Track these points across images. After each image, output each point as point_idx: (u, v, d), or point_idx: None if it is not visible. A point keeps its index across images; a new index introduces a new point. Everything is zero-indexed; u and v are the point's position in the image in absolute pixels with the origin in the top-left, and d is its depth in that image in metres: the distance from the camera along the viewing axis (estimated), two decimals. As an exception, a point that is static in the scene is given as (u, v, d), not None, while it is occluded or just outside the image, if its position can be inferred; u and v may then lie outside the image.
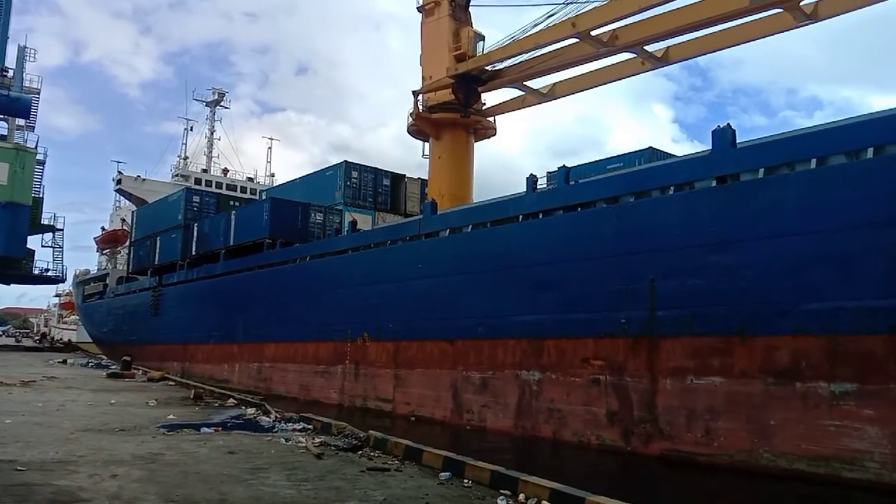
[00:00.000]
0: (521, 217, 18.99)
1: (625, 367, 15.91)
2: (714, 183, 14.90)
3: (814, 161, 13.58)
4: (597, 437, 16.30)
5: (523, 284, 18.20)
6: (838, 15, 22.19)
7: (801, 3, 21.65)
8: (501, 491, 8.71)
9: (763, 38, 24.01)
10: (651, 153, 22.42)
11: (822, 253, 12.86)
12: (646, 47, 25.23)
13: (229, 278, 32.59)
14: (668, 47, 25.57)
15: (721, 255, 14.25)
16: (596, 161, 23.09)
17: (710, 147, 15.22)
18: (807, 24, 22.61)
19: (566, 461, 16.40)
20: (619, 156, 23.07)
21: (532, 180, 19.02)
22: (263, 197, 39.67)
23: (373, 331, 23.66)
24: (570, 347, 17.06)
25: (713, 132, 15.01)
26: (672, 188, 15.79)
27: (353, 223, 26.66)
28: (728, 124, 14.83)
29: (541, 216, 18.55)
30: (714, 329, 14.30)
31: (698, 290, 14.59)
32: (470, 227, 20.83)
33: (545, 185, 20.44)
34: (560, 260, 17.32)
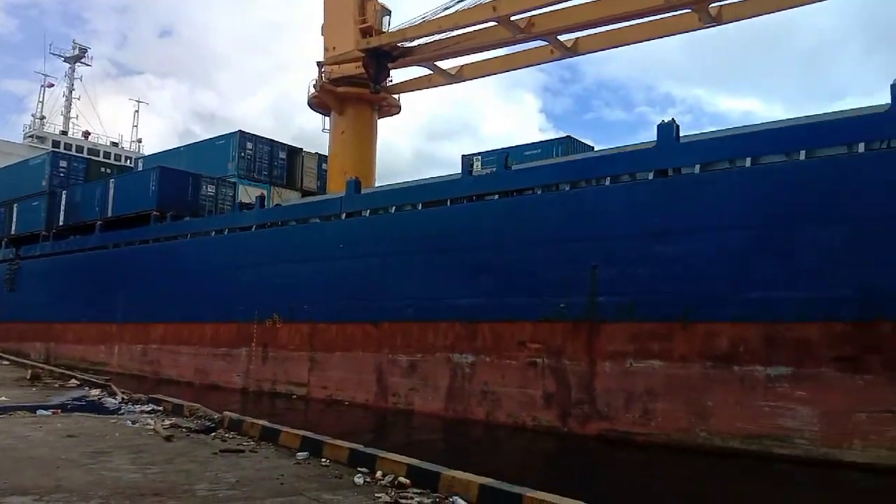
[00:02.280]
0: (455, 200, 18.87)
1: (563, 351, 16.33)
2: (653, 176, 15.55)
3: (748, 160, 14.51)
4: (532, 418, 16.65)
5: (458, 267, 18.13)
6: (739, 20, 23.77)
7: (708, 7, 22.96)
8: (359, 469, 8.73)
9: (670, 35, 25.35)
10: (569, 142, 23.06)
11: (762, 245, 13.81)
12: (559, 37, 25.82)
13: (108, 252, 29.92)
14: (579, 38, 26.25)
15: (664, 244, 14.90)
16: (513, 147, 23.34)
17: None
18: (711, 27, 24.02)
19: (501, 442, 16.70)
20: (537, 143, 23.62)
21: (468, 163, 18.94)
22: (139, 165, 36.70)
23: (285, 312, 22.68)
24: (506, 331, 17.24)
25: (658, 126, 15.65)
26: (608, 178, 16.33)
27: (262, 198, 25.33)
28: (672, 119, 15.56)
29: (474, 199, 18.55)
30: (655, 315, 14.98)
31: (640, 278, 15.20)
32: (394, 207, 20.47)
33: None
34: (498, 244, 17.41)
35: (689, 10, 23.09)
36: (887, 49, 66.68)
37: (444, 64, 28.92)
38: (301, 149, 33.87)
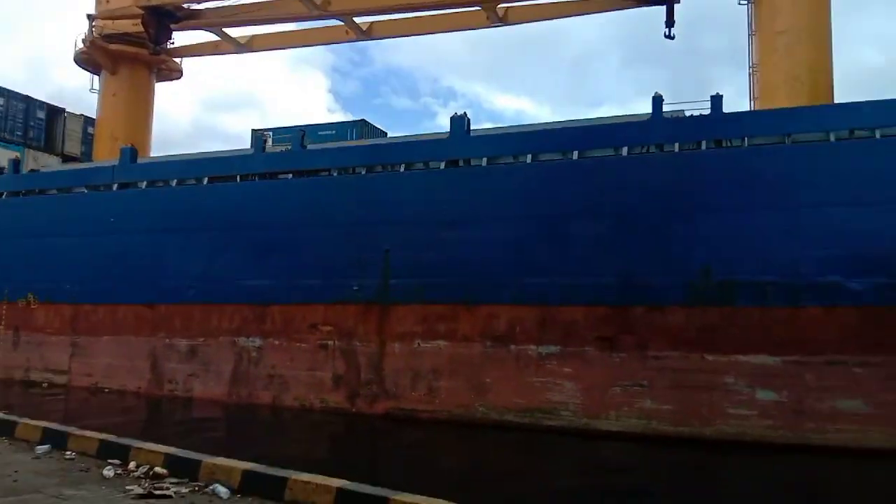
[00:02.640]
0: (246, 177, 18.14)
1: (354, 333, 16.51)
2: (445, 165, 16.22)
3: (529, 156, 15.69)
4: (321, 400, 16.66)
5: (248, 247, 17.48)
6: (523, 23, 25.50)
7: (497, 7, 24.30)
8: (110, 461, 8.35)
9: (459, 30, 26.49)
10: (364, 126, 23.15)
11: (539, 235, 15.02)
12: (355, 19, 25.74)
13: None
14: (374, 23, 26.40)
15: (453, 231, 15.62)
16: (307, 125, 22.90)
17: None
18: (497, 26, 25.46)
19: (287, 425, 16.52)
20: (332, 124, 23.48)
21: (260, 139, 18.27)
22: None
23: (41, 291, 20.27)
24: (297, 313, 17.00)
25: (451, 118, 16.32)
26: (403, 165, 16.73)
27: (16, 162, 22.21)
28: (465, 113, 16.28)
29: (267, 177, 18.00)
30: (442, 297, 15.68)
31: (430, 262, 15.80)
32: (176, 181, 19.17)
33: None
34: (292, 225, 17.06)
35: (478, 8, 24.35)
36: (639, 65, 75.51)
37: (234, 32, 27.53)
38: (63, 109, 30.18)
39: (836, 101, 18.15)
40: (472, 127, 16.67)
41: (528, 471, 12.31)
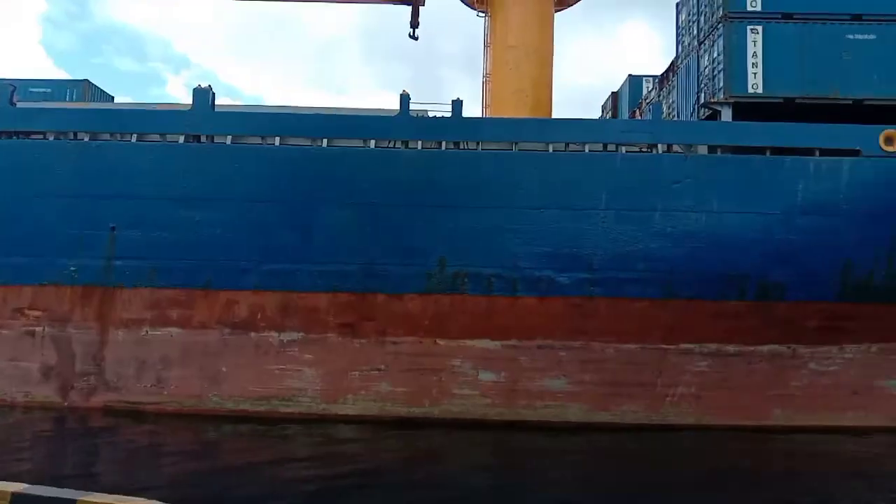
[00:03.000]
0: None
1: (70, 319, 14.86)
2: (184, 140, 15.17)
3: (278, 139, 15.37)
4: (25, 394, 14.80)
5: (-69, 217, 14.74)
6: (271, 0, 24.96)
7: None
8: None
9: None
10: (86, 86, 20.67)
11: (285, 220, 14.81)
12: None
13: None
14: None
15: (191, 210, 14.75)
16: (15, 79, 19.85)
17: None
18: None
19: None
20: (46, 80, 20.53)
21: (-48, 91, 15.44)
22: None
23: None
24: (-3, 296, 14.80)
25: (195, 90, 15.31)
26: (135, 135, 15.29)
27: None
28: (209, 85, 15.37)
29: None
30: (177, 282, 14.77)
31: (164, 243, 14.76)
32: None
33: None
34: (-8, 193, 14.76)
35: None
36: (383, 59, 77.53)
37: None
38: None
39: (553, 114, 20.55)
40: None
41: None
